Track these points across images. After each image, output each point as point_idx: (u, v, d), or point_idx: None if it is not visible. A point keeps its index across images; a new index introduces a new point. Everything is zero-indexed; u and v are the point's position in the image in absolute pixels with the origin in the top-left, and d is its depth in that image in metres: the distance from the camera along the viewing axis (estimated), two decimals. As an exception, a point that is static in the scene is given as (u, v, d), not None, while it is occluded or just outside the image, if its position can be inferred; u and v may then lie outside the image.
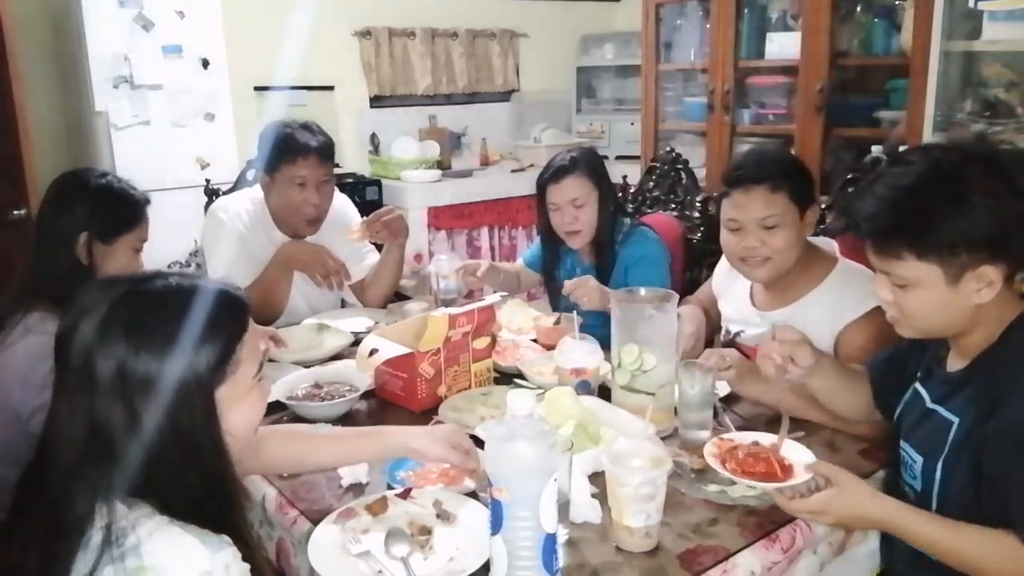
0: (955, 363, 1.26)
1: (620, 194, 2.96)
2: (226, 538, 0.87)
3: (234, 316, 0.96)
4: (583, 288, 1.96)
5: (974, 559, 1.12)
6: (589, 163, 2.19)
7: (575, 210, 2.15)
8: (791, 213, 1.64)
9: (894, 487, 1.34)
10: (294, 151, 2.15)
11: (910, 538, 1.17)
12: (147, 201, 1.74)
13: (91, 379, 0.87)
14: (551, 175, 2.17)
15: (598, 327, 1.80)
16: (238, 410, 0.95)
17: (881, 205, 1.17)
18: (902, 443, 1.31)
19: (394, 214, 2.31)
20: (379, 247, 2.42)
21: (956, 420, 1.20)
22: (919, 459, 1.25)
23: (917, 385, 1.33)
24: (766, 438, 1.31)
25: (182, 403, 0.88)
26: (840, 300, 1.64)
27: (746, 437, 1.33)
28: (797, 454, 1.26)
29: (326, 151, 2.21)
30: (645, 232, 2.27)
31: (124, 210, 1.68)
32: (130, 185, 1.74)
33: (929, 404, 1.27)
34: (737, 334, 1.83)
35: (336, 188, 2.37)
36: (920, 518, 1.17)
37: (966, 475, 1.17)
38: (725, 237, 1.72)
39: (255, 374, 0.99)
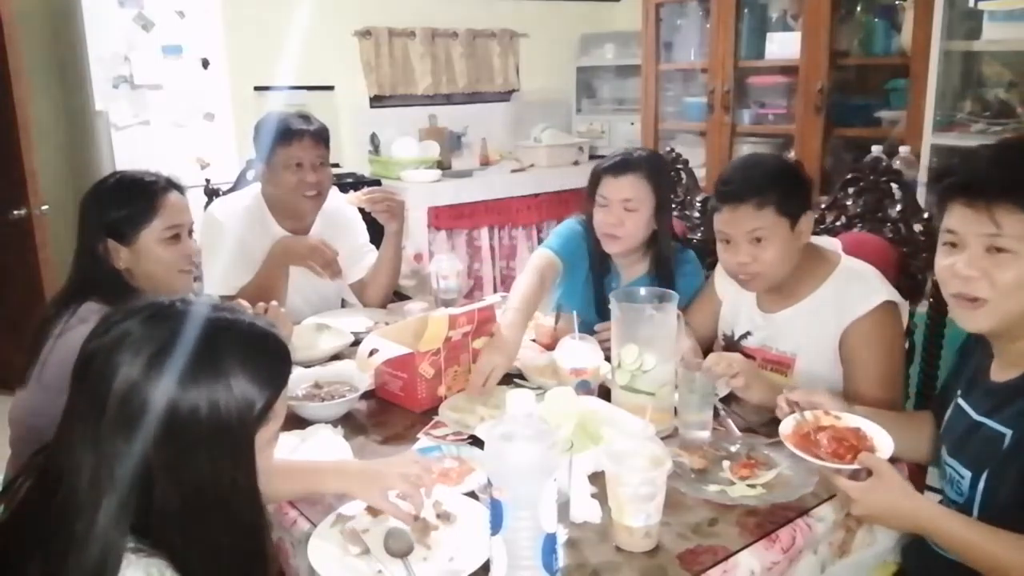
0: (1002, 373, 1.23)
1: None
2: None
3: (284, 364, 0.94)
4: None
5: (1009, 566, 1.09)
6: (656, 168, 1.97)
7: (624, 212, 1.92)
8: (780, 226, 1.61)
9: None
10: (288, 135, 2.17)
11: (943, 539, 1.15)
12: (166, 186, 1.66)
13: (131, 414, 0.81)
14: (611, 166, 1.95)
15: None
16: (261, 458, 0.91)
17: (1000, 160, 1.15)
18: (948, 459, 1.29)
19: (399, 196, 2.33)
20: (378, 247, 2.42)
21: (1008, 432, 1.18)
22: (967, 474, 1.23)
23: (959, 400, 1.30)
24: (870, 427, 1.27)
25: (227, 441, 0.83)
26: (844, 298, 1.63)
27: (852, 421, 1.29)
28: (884, 443, 1.24)
29: (320, 134, 2.22)
30: (693, 260, 2.07)
31: (132, 205, 1.62)
32: (144, 175, 1.68)
33: (976, 417, 1.24)
34: (744, 336, 1.83)
35: (336, 188, 2.37)
36: (956, 520, 1.15)
37: (1013, 487, 1.15)
38: (719, 249, 1.70)
39: (279, 428, 0.96)
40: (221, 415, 0.82)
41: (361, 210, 2.36)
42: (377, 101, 4.63)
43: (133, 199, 1.64)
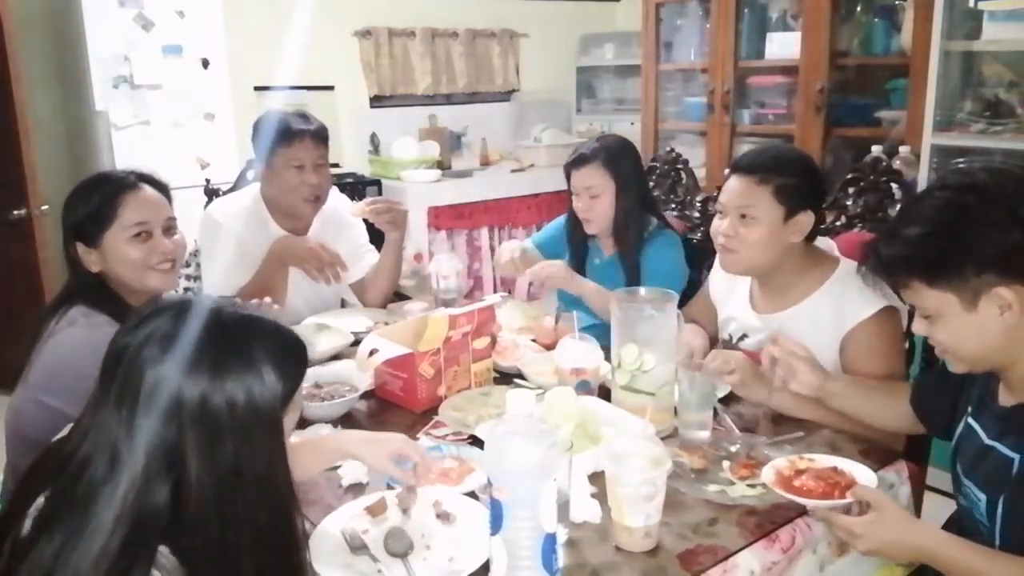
0: (1007, 398, 1.25)
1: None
2: None
3: (305, 356, 0.99)
4: (547, 269, 2.16)
5: None
6: (611, 154, 2.20)
7: (589, 199, 2.20)
8: (772, 211, 1.63)
9: (967, 523, 1.31)
10: (289, 135, 2.16)
11: (950, 568, 1.15)
12: (134, 182, 1.60)
13: (165, 403, 0.85)
14: (572, 161, 2.25)
15: (599, 328, 1.80)
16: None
17: (890, 242, 1.22)
18: (964, 481, 1.29)
19: (402, 206, 2.33)
20: (378, 247, 2.42)
21: (1016, 457, 1.18)
22: (983, 497, 1.24)
23: (970, 420, 1.31)
24: (846, 464, 1.29)
25: (260, 425, 0.89)
26: (844, 302, 1.62)
27: (826, 461, 1.30)
28: (864, 476, 1.25)
29: (320, 134, 2.21)
30: (669, 237, 2.23)
31: (92, 205, 1.56)
32: (112, 173, 1.63)
33: (986, 441, 1.25)
34: (741, 338, 1.82)
35: (336, 188, 2.37)
36: (962, 547, 1.15)
37: None
38: (714, 220, 1.75)
39: (297, 419, 1.03)
40: (256, 403, 0.89)
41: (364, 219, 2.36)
42: (377, 101, 4.63)
43: (92, 199, 1.58)
